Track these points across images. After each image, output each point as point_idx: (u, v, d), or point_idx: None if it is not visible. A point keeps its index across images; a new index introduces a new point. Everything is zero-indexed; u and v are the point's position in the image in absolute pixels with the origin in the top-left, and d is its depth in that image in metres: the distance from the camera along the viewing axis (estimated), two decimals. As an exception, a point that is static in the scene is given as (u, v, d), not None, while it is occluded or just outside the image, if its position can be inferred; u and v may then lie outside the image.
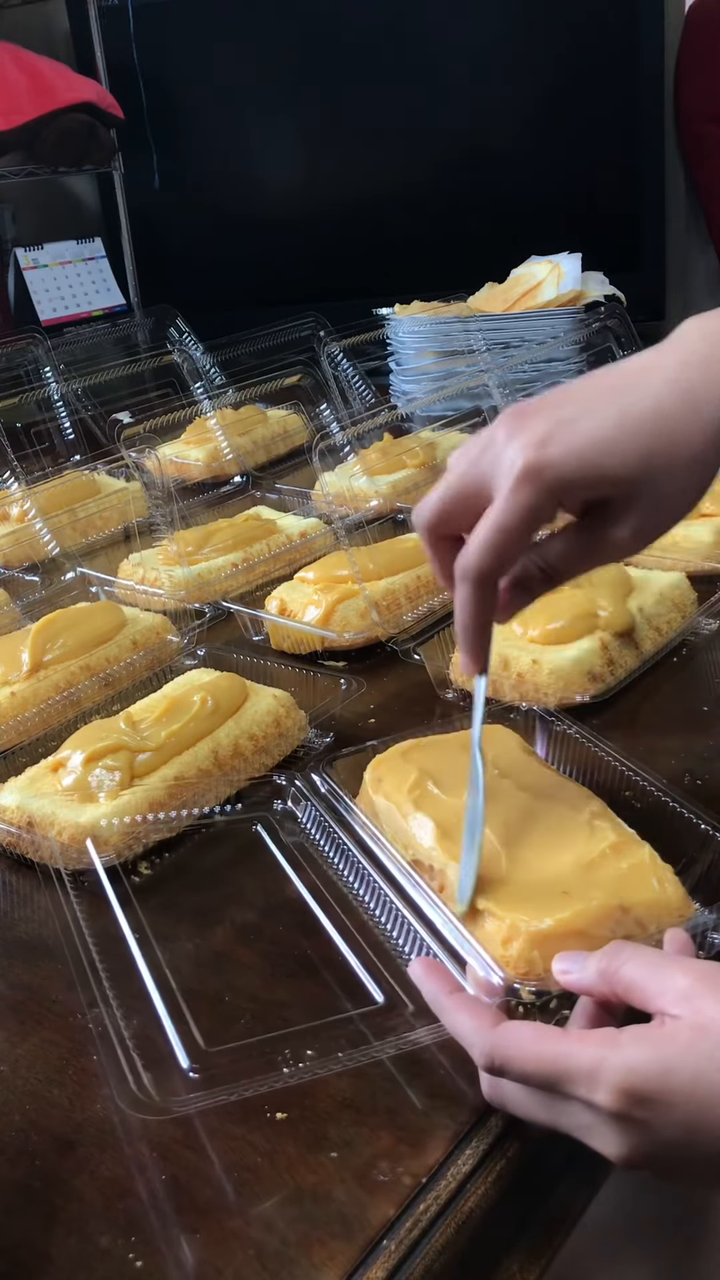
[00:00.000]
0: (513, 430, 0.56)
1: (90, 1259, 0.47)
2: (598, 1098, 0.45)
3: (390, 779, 0.70)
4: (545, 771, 0.70)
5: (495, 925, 0.58)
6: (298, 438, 1.53)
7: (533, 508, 0.55)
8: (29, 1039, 0.59)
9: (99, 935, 0.66)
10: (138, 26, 2.04)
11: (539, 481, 0.55)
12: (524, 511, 0.55)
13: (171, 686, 0.85)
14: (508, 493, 0.55)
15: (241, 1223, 0.48)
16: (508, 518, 0.56)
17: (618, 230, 2.08)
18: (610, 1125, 0.46)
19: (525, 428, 0.56)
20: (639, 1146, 0.45)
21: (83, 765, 0.75)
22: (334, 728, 0.84)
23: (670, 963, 0.49)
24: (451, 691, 0.89)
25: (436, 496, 0.60)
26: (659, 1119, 0.44)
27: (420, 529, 0.61)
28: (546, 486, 0.55)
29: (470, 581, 0.58)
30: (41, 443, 1.45)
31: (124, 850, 0.71)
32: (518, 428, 0.56)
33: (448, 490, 0.60)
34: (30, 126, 1.82)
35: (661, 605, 0.92)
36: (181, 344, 1.63)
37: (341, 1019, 0.57)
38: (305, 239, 2.11)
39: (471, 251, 1.88)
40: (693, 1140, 0.44)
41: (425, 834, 0.65)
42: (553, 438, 0.55)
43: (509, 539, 0.56)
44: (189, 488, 1.41)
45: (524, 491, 0.55)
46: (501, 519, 0.56)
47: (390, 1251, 0.47)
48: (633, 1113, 0.45)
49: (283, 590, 1.02)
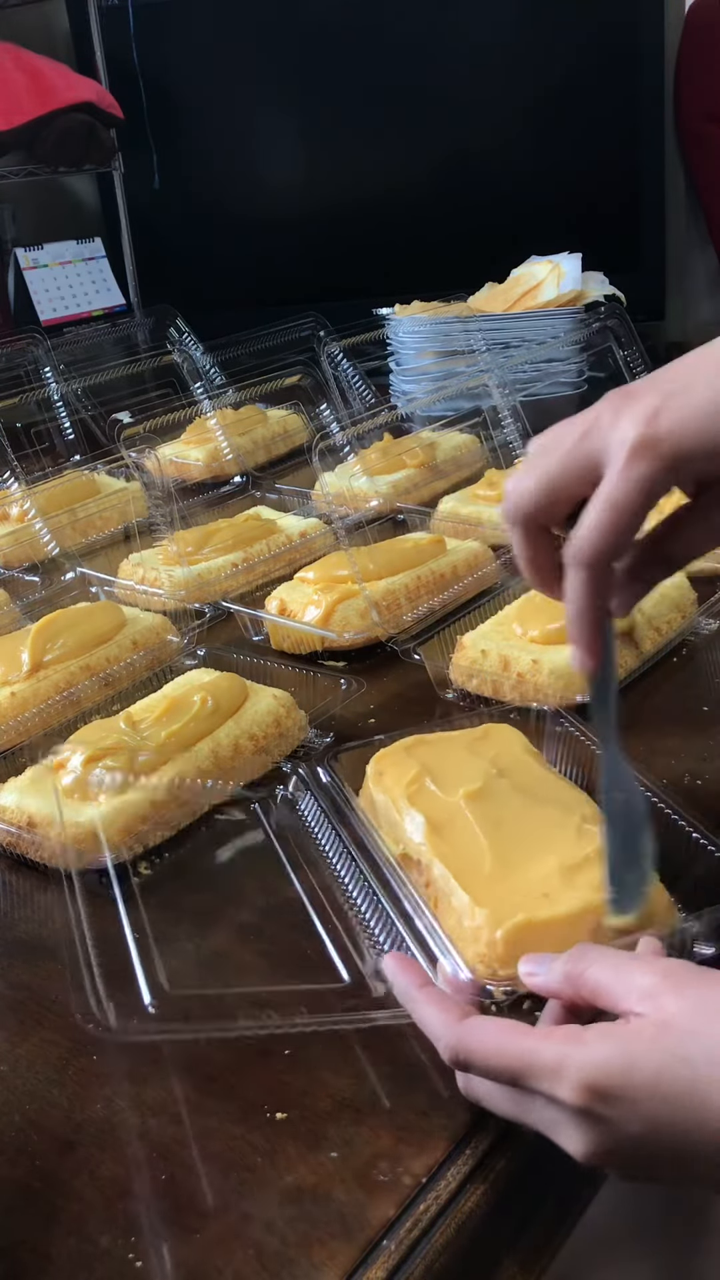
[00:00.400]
0: (619, 408, 0.54)
1: (90, 1259, 0.47)
2: (561, 1093, 0.45)
3: (391, 773, 0.70)
4: (544, 773, 0.70)
5: (471, 922, 0.58)
6: (298, 438, 1.53)
7: (651, 481, 0.53)
8: (29, 1039, 0.59)
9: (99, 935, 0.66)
10: (138, 26, 2.04)
11: (655, 453, 0.52)
12: (642, 485, 0.53)
13: (171, 686, 0.85)
14: (622, 467, 0.53)
15: (241, 1223, 0.48)
16: (624, 494, 0.53)
17: (618, 230, 2.08)
18: (574, 1121, 0.46)
19: (633, 404, 0.54)
20: (603, 1143, 0.45)
21: (83, 765, 0.75)
22: (334, 728, 0.84)
23: (634, 962, 0.49)
24: (451, 692, 0.89)
25: (535, 481, 0.56)
26: (622, 1115, 0.44)
27: (515, 518, 0.57)
28: (663, 458, 0.53)
29: (586, 565, 0.55)
30: (41, 443, 1.45)
31: (124, 850, 0.71)
32: (624, 406, 0.54)
33: (551, 473, 0.56)
34: (30, 126, 1.82)
35: (661, 605, 0.92)
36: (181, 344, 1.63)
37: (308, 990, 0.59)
38: (305, 239, 2.11)
39: (471, 251, 1.88)
40: (656, 1136, 0.44)
41: (416, 830, 0.65)
42: (665, 409, 0.53)
43: (626, 517, 0.53)
44: (189, 488, 1.41)
45: (640, 465, 0.52)
46: (618, 495, 0.53)
47: (390, 1251, 0.47)
48: (596, 1109, 0.45)
49: (283, 590, 1.02)
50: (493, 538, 1.12)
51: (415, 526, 1.20)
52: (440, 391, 1.52)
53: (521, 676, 0.84)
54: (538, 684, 0.84)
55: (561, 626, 0.86)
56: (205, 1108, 0.54)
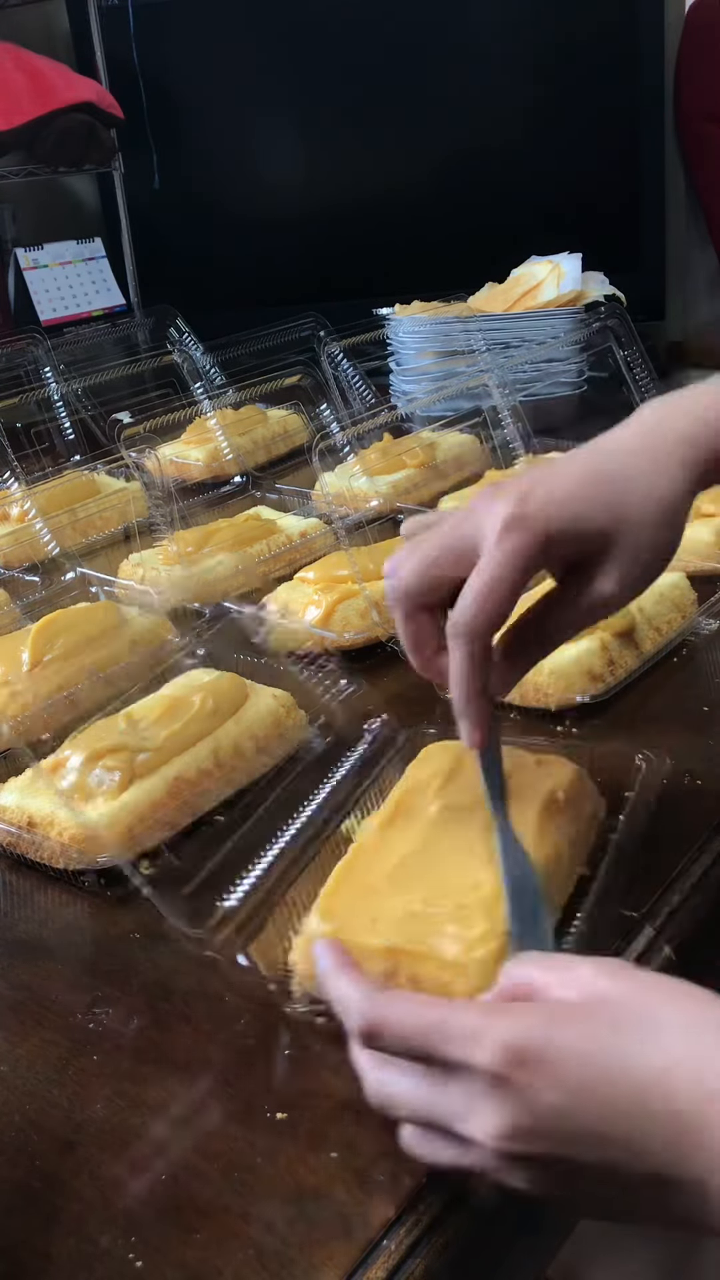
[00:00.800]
0: (493, 495, 0.59)
1: (90, 1259, 0.47)
2: (477, 1057, 0.43)
3: (430, 764, 0.69)
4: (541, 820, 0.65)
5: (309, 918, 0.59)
6: (298, 438, 1.53)
7: (523, 554, 0.57)
8: (29, 1039, 0.59)
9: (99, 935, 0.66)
10: (138, 26, 2.04)
11: (525, 527, 0.57)
12: (515, 558, 0.57)
13: (171, 687, 0.85)
14: (496, 541, 0.57)
15: (241, 1223, 0.48)
16: (499, 566, 0.57)
17: (618, 230, 2.08)
18: (489, 1093, 0.43)
19: (505, 491, 0.59)
20: (519, 1118, 0.43)
21: (83, 765, 0.75)
22: (334, 728, 0.84)
23: (571, 959, 0.48)
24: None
25: (416, 562, 0.60)
26: (541, 1080, 0.42)
27: (398, 598, 0.61)
28: (534, 532, 0.57)
29: (465, 637, 0.58)
30: (41, 443, 1.45)
31: (124, 850, 0.71)
32: (497, 493, 0.59)
33: (429, 555, 0.60)
34: (30, 126, 1.82)
35: (661, 605, 0.92)
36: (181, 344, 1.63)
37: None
38: (305, 239, 2.10)
39: (471, 251, 1.88)
40: (577, 1108, 0.42)
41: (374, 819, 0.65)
42: (533, 492, 0.59)
43: (502, 588, 0.57)
44: (189, 488, 1.41)
45: (512, 538, 0.57)
46: (493, 568, 0.57)
47: (390, 1251, 0.47)
48: (513, 1075, 0.43)
49: (283, 590, 1.02)
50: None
51: (415, 526, 1.20)
52: (440, 391, 1.52)
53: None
54: (538, 684, 0.84)
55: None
56: (205, 1108, 0.54)
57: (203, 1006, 0.60)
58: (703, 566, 1.02)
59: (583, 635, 0.86)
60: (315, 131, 2.11)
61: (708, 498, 1.07)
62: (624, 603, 0.62)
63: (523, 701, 0.84)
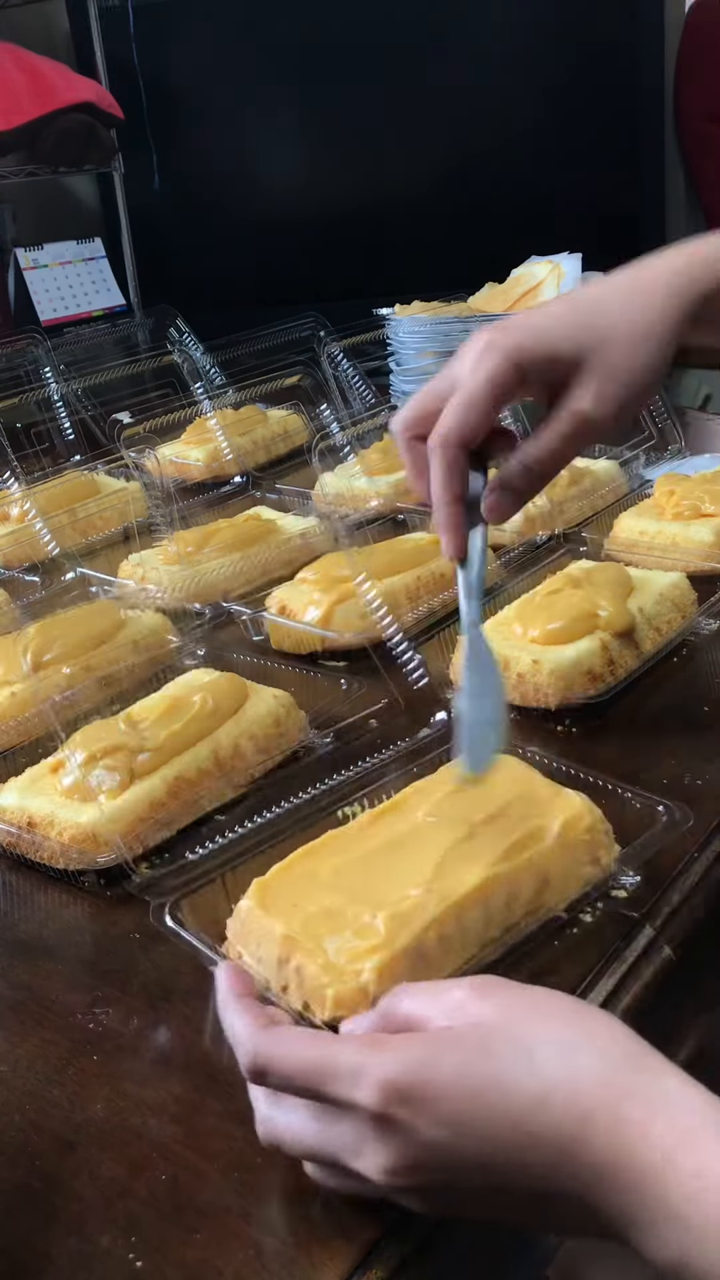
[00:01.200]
0: (475, 336, 0.65)
1: (90, 1259, 0.47)
2: (359, 1095, 0.43)
3: (445, 775, 0.69)
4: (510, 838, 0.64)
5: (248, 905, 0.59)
6: (298, 438, 1.53)
7: (493, 374, 0.62)
8: (29, 1039, 0.59)
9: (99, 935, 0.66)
10: (138, 26, 2.04)
11: (498, 349, 0.63)
12: (487, 376, 0.62)
13: (171, 687, 0.85)
14: (472, 365, 0.63)
15: (241, 1223, 0.48)
16: (473, 384, 0.63)
17: (618, 230, 2.08)
18: (374, 1134, 0.44)
19: (484, 329, 0.65)
20: (404, 1155, 0.43)
21: (83, 765, 0.75)
22: (334, 728, 0.84)
23: (445, 984, 0.48)
24: (452, 691, 0.89)
25: (413, 398, 0.67)
26: (423, 1118, 0.43)
27: (396, 431, 0.68)
28: (505, 353, 0.63)
29: (440, 448, 0.63)
30: (41, 443, 1.44)
31: (124, 850, 0.71)
32: (478, 334, 0.65)
33: (423, 391, 0.66)
34: (30, 126, 1.82)
35: (661, 605, 0.92)
36: (181, 344, 1.63)
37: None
38: (305, 239, 2.11)
39: (471, 251, 1.88)
40: (459, 1141, 0.43)
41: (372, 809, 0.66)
42: (510, 323, 0.65)
43: (474, 402, 0.62)
44: (189, 488, 1.41)
45: (486, 361, 0.63)
46: (468, 385, 0.63)
47: (391, 1252, 0.47)
48: (396, 1113, 0.43)
49: (283, 590, 1.02)
50: (493, 537, 1.11)
51: (415, 526, 1.20)
52: (440, 391, 1.52)
53: (521, 677, 0.84)
54: (538, 684, 0.84)
55: (562, 626, 0.86)
56: (205, 1108, 0.54)
57: (203, 1006, 0.60)
58: (703, 566, 1.02)
59: (583, 636, 0.86)
60: (315, 131, 2.11)
61: (708, 497, 1.07)
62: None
63: (523, 701, 0.84)
